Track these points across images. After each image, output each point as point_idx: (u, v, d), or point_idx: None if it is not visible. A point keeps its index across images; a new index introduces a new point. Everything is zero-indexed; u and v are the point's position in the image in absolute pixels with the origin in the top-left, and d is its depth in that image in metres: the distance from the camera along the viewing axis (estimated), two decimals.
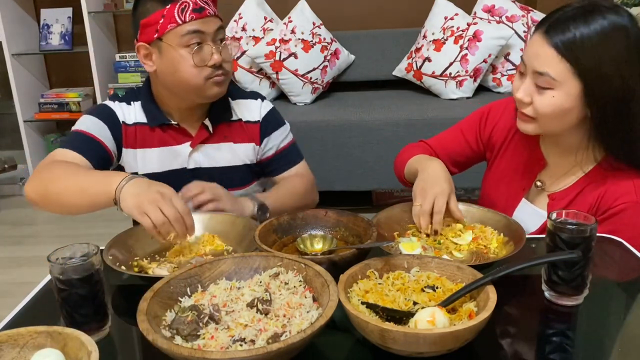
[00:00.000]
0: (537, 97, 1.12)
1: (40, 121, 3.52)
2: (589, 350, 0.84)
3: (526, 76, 1.13)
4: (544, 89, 1.10)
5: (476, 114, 1.41)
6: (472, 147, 1.41)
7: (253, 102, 1.47)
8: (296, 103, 3.03)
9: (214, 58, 1.27)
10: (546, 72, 1.08)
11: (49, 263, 0.84)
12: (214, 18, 1.28)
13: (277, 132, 1.48)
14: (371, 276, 0.91)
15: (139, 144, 1.38)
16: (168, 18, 1.24)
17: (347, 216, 1.15)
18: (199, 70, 1.27)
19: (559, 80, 1.08)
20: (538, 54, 1.09)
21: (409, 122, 2.75)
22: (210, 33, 1.27)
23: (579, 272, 0.90)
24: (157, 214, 1.03)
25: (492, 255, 1.06)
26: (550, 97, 1.10)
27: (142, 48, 1.30)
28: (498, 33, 2.92)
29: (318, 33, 3.07)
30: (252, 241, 1.05)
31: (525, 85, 1.13)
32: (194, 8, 1.24)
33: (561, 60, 1.07)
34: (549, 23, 1.09)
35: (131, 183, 1.07)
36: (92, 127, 1.32)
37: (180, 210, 1.05)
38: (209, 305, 0.83)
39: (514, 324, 0.91)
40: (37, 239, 2.92)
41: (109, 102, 1.39)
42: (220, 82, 1.31)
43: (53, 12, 3.48)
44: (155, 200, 1.04)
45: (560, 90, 1.09)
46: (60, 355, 0.73)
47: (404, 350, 0.76)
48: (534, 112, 1.14)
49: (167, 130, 1.38)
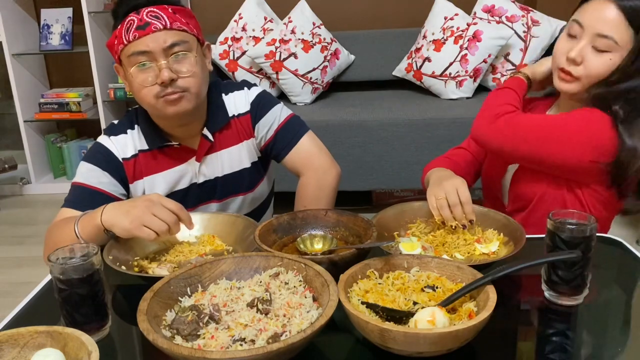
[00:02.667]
0: (592, 58, 1.14)
1: (41, 121, 3.52)
2: (588, 350, 0.84)
3: (580, 38, 1.15)
4: (602, 51, 1.13)
5: None
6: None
7: (239, 92, 1.40)
8: (296, 103, 3.04)
9: (162, 75, 1.18)
10: (611, 36, 1.11)
11: (49, 263, 0.84)
12: (164, 32, 1.19)
13: (269, 114, 1.39)
14: (371, 276, 0.91)
15: (145, 172, 1.33)
16: (119, 38, 1.21)
17: (347, 216, 1.15)
18: (148, 89, 1.20)
19: (621, 45, 1.11)
20: (605, 18, 1.11)
21: (409, 122, 2.75)
22: (158, 50, 1.18)
23: (579, 272, 0.90)
24: (155, 222, 1.03)
25: (492, 255, 1.06)
26: (608, 60, 1.13)
27: (118, 69, 1.28)
28: (498, 33, 2.92)
29: (318, 33, 3.07)
30: (252, 241, 1.05)
31: (581, 45, 1.14)
32: (138, 25, 1.18)
33: (628, 27, 1.10)
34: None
35: (111, 207, 1.09)
36: (90, 178, 1.27)
37: (174, 210, 1.05)
38: (209, 305, 0.84)
39: (514, 324, 0.91)
40: (37, 239, 2.92)
41: (104, 138, 1.32)
42: (172, 100, 1.21)
43: (53, 12, 3.48)
44: (148, 208, 1.03)
45: (618, 54, 1.12)
46: (60, 355, 0.73)
47: (404, 350, 0.76)
48: (585, 72, 1.16)
49: (169, 151, 1.33)
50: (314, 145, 1.41)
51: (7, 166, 3.45)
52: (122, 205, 1.09)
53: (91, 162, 1.29)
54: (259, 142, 1.41)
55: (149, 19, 1.19)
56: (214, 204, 1.39)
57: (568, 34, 1.19)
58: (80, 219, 1.12)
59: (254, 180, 1.43)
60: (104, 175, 1.28)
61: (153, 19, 1.19)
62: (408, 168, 2.78)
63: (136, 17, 1.19)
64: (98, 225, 1.08)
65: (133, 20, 1.19)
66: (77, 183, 1.28)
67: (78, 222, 1.12)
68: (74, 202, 1.25)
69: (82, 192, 1.26)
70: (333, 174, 1.39)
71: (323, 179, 1.38)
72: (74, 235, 1.11)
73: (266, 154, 1.44)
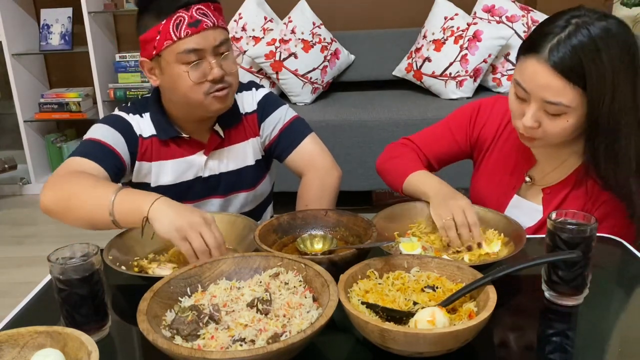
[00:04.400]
0: (547, 122, 1.08)
1: (40, 121, 3.52)
2: (589, 350, 0.83)
3: (529, 102, 1.08)
4: (556, 115, 1.07)
5: (465, 113, 1.38)
6: (460, 146, 1.38)
7: (248, 92, 1.43)
8: (296, 103, 3.04)
9: (214, 73, 1.21)
10: (558, 102, 1.04)
11: (49, 263, 0.84)
12: (213, 30, 1.21)
13: (274, 114, 1.41)
14: (371, 276, 0.91)
15: (155, 157, 1.33)
16: (164, 34, 1.19)
17: (347, 216, 1.14)
18: (198, 86, 1.21)
19: (573, 106, 1.04)
20: (548, 86, 1.04)
21: (409, 122, 2.75)
22: (209, 48, 1.20)
23: (579, 272, 0.90)
24: (199, 241, 0.99)
25: (492, 255, 1.06)
26: (565, 122, 1.07)
27: (145, 63, 1.26)
28: (498, 33, 2.92)
29: (318, 33, 3.07)
30: (252, 241, 1.05)
31: (533, 112, 1.08)
32: (189, 22, 1.18)
33: (574, 88, 1.03)
34: (549, 49, 1.03)
35: (165, 201, 1.04)
36: (108, 136, 1.26)
37: (219, 239, 1.01)
38: (209, 305, 0.83)
39: (514, 324, 0.91)
40: (37, 239, 2.92)
41: (123, 113, 1.33)
42: (222, 96, 1.24)
43: (53, 12, 3.48)
44: (198, 225, 1.00)
45: (574, 114, 1.06)
46: (60, 355, 0.73)
47: (404, 350, 0.76)
48: (545, 134, 1.10)
49: (179, 142, 1.34)
50: (317, 146, 1.43)
51: (7, 166, 3.44)
52: (178, 207, 1.03)
53: (110, 125, 1.29)
54: (263, 141, 1.43)
55: (198, 16, 1.19)
56: (217, 199, 1.40)
57: (516, 95, 1.11)
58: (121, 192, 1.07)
59: (257, 177, 1.44)
60: (121, 140, 1.28)
61: (202, 16, 1.20)
62: None
63: (186, 14, 1.18)
64: (142, 211, 1.03)
65: (183, 17, 1.18)
66: (93, 138, 1.26)
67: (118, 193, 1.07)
68: (88, 154, 1.22)
69: (98, 146, 1.25)
70: (335, 175, 1.41)
71: (325, 178, 1.39)
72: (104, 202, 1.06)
73: (270, 153, 1.45)
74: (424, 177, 1.28)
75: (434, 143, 1.40)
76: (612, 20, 1.04)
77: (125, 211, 1.06)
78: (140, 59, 1.28)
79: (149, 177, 1.35)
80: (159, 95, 1.33)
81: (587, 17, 1.03)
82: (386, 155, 1.43)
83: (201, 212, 1.04)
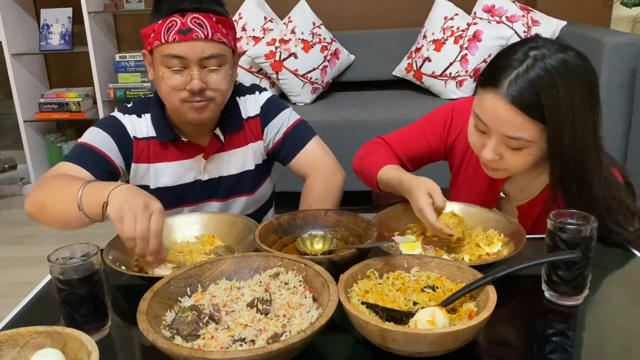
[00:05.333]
0: (509, 155, 1.08)
1: (40, 121, 3.52)
2: (589, 350, 0.83)
3: (490, 135, 1.08)
4: (517, 149, 1.06)
5: (439, 118, 1.37)
6: (433, 150, 1.37)
7: (251, 96, 1.42)
8: (296, 103, 3.04)
9: (192, 84, 1.19)
10: (521, 136, 1.04)
11: (49, 263, 0.84)
12: (205, 42, 1.18)
13: (278, 117, 1.41)
14: (371, 276, 0.91)
15: (153, 159, 1.33)
16: (156, 34, 1.19)
17: (347, 216, 1.15)
18: (176, 92, 1.21)
19: (534, 140, 1.04)
20: (507, 121, 1.03)
21: (409, 122, 2.68)
22: (194, 59, 1.18)
23: (579, 272, 0.90)
24: (129, 225, 0.96)
25: (492, 255, 1.06)
26: (527, 155, 1.07)
27: (145, 55, 1.27)
28: (498, 33, 2.92)
29: (318, 33, 3.07)
30: (252, 241, 1.05)
31: (493, 145, 1.08)
32: (180, 29, 1.17)
33: (534, 122, 1.02)
34: (507, 84, 1.02)
35: (125, 188, 1.01)
36: (97, 140, 1.27)
37: (152, 229, 0.97)
38: (209, 305, 0.83)
39: (514, 324, 0.91)
40: (37, 239, 2.92)
41: (119, 114, 1.33)
42: (198, 107, 1.22)
43: (53, 12, 3.48)
44: (136, 210, 0.97)
45: (535, 147, 1.05)
46: (60, 355, 0.73)
47: (404, 350, 0.76)
48: (507, 166, 1.10)
49: (179, 145, 1.34)
50: (321, 149, 1.44)
51: (7, 166, 3.44)
52: (133, 191, 1.01)
53: (102, 129, 1.30)
54: (266, 145, 1.42)
55: (192, 25, 1.17)
56: (216, 202, 1.39)
57: (476, 127, 1.11)
58: (88, 185, 1.05)
59: (256, 182, 1.44)
60: (111, 143, 1.28)
61: (196, 26, 1.18)
62: None
63: (180, 20, 1.17)
64: (103, 198, 1.00)
65: (175, 22, 1.17)
66: (83, 142, 1.27)
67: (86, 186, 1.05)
68: (76, 158, 1.23)
69: (87, 151, 1.26)
70: (339, 177, 1.42)
71: (330, 179, 1.40)
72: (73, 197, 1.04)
73: (273, 156, 1.45)
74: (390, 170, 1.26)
75: (407, 146, 1.39)
76: (570, 53, 1.03)
77: (90, 202, 1.03)
78: (142, 51, 1.29)
79: (148, 178, 1.34)
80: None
81: (545, 49, 1.03)
82: (359, 153, 1.42)
83: (151, 199, 0.99)
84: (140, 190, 1.03)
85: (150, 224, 0.97)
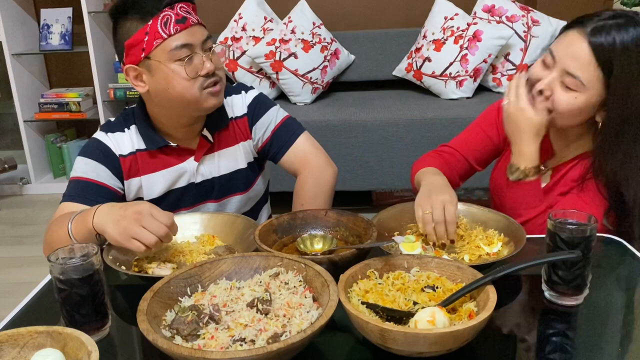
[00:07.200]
0: (559, 92, 1.14)
1: (40, 121, 3.52)
2: (589, 350, 0.84)
3: (552, 70, 1.15)
4: (569, 89, 1.13)
5: (492, 109, 1.43)
6: (493, 141, 1.42)
7: (237, 96, 1.42)
8: (296, 103, 3.03)
9: (206, 67, 1.22)
10: (578, 75, 1.11)
11: (49, 263, 0.84)
12: (198, 27, 1.23)
13: (265, 116, 1.41)
14: (371, 276, 0.91)
15: (142, 171, 1.33)
16: (152, 34, 1.18)
17: (347, 216, 1.15)
18: (192, 82, 1.21)
19: (587, 86, 1.11)
20: (575, 55, 1.11)
21: (409, 122, 2.75)
22: (198, 43, 1.22)
23: (579, 272, 0.90)
24: (145, 235, 1.00)
25: (492, 255, 1.06)
26: (573, 98, 1.13)
27: (130, 70, 1.24)
28: (498, 33, 2.92)
29: (318, 33, 3.07)
30: (252, 241, 1.05)
31: (551, 79, 1.15)
32: (177, 19, 1.19)
33: (597, 68, 1.09)
34: (593, 26, 1.09)
35: (103, 212, 1.07)
36: (88, 171, 1.27)
37: (165, 222, 1.02)
38: (209, 305, 0.83)
39: (514, 324, 0.91)
40: (37, 239, 2.92)
41: (101, 134, 1.32)
42: (215, 92, 1.25)
43: (53, 12, 3.48)
44: (137, 220, 1.01)
45: (584, 95, 1.12)
46: (60, 355, 0.73)
47: (404, 350, 0.76)
48: (551, 105, 1.16)
49: (168, 150, 1.33)
50: (311, 144, 1.43)
51: (7, 166, 3.45)
52: (113, 212, 1.05)
53: (88, 157, 1.29)
54: (255, 143, 1.42)
55: (184, 13, 1.21)
56: (212, 203, 1.40)
57: (542, 62, 1.19)
58: (73, 219, 1.11)
59: (250, 180, 1.44)
60: (101, 169, 1.28)
61: (187, 14, 1.22)
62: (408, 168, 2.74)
63: (172, 12, 1.20)
64: (90, 229, 1.07)
65: (170, 15, 1.19)
66: (76, 177, 1.28)
67: (72, 222, 1.11)
68: (74, 196, 1.24)
69: (81, 185, 1.26)
70: (330, 172, 1.41)
71: (320, 176, 1.39)
72: (66, 233, 1.11)
73: (263, 155, 1.45)
74: (425, 172, 1.30)
75: (471, 143, 1.45)
76: None
77: (80, 234, 1.10)
78: (124, 67, 1.25)
79: (141, 191, 1.34)
80: (144, 105, 1.32)
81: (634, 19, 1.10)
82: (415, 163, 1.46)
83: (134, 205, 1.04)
84: (116, 204, 1.09)
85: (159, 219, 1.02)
